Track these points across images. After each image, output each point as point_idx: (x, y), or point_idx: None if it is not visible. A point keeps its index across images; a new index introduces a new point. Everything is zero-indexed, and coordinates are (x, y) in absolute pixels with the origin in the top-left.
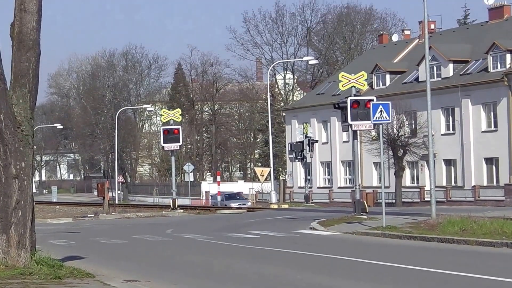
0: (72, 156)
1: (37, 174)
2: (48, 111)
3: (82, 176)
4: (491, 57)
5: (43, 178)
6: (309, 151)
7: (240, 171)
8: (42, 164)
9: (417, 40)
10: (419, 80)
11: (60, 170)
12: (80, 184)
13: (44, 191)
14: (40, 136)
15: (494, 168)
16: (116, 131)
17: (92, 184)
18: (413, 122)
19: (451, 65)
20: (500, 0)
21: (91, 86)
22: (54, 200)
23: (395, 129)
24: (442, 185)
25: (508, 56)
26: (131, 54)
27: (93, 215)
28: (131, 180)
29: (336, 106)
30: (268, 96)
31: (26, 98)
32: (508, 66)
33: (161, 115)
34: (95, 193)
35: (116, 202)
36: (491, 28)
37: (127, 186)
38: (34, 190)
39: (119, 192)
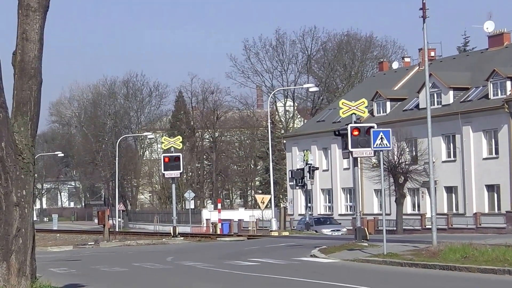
0: (73, 184)
1: (38, 202)
2: (49, 139)
3: (83, 204)
4: (491, 84)
5: (44, 206)
6: (309, 178)
7: (240, 199)
8: (43, 192)
9: (417, 67)
10: (420, 107)
11: (61, 198)
12: (81, 212)
13: (45, 219)
14: (41, 164)
15: (495, 195)
16: (117, 158)
17: (92, 212)
18: (413, 149)
19: (451, 92)
20: (500, 27)
21: (92, 114)
22: (54, 228)
23: (395, 156)
24: (443, 212)
25: (508, 83)
26: (132, 82)
27: (93, 243)
28: (131, 207)
29: (337, 133)
30: (269, 123)
31: (28, 126)
32: (508, 93)
33: (162, 142)
34: (96, 220)
35: (117, 230)
36: (491, 55)
37: (127, 214)
38: (35, 218)
39: (119, 219)
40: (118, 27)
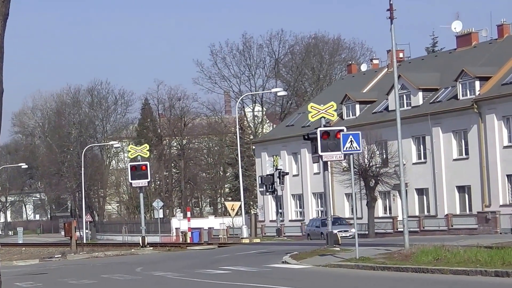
0: (38, 196)
1: (2, 215)
2: (12, 150)
3: (49, 216)
4: (460, 85)
5: (9, 219)
6: (279, 183)
7: (210, 206)
8: (7, 205)
9: (386, 69)
10: (389, 109)
11: (26, 210)
12: (47, 224)
13: (10, 232)
14: (4, 176)
15: (466, 196)
16: (82, 169)
17: (59, 224)
18: (384, 151)
19: (420, 94)
20: (468, 27)
21: (56, 124)
22: (20, 242)
23: (366, 159)
24: (415, 214)
25: (477, 83)
26: (96, 90)
27: (60, 255)
28: (99, 218)
29: (306, 137)
30: (237, 129)
31: None
32: (477, 93)
33: (128, 151)
34: (62, 233)
35: (84, 242)
36: (459, 55)
37: (95, 225)
38: None
39: (87, 231)
40: (81, 33)
